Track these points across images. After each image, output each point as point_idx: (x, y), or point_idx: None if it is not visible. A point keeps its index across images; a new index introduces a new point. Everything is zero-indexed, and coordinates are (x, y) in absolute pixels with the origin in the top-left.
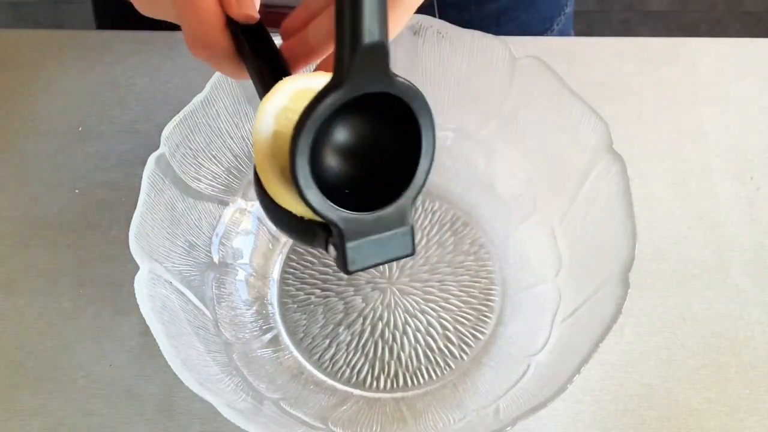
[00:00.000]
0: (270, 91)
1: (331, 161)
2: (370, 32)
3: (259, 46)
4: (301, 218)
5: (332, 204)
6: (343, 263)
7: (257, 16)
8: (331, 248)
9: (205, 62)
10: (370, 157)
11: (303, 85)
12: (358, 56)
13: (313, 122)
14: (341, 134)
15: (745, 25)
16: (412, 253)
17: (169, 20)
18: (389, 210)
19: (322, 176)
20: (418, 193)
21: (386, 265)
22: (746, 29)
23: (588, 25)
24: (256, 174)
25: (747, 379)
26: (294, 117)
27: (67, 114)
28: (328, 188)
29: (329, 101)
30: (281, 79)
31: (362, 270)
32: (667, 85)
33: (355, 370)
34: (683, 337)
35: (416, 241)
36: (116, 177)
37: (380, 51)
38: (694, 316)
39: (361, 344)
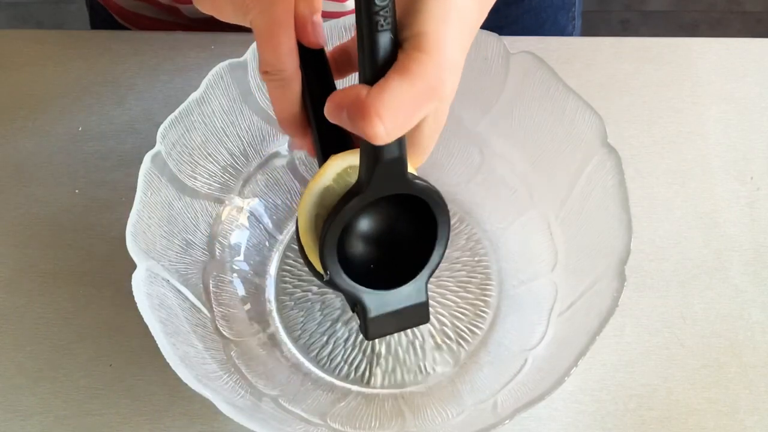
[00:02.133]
0: (319, 171)
1: (359, 243)
2: (389, 150)
3: (318, 75)
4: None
5: (358, 287)
6: (364, 331)
7: (325, 44)
8: (355, 315)
9: (269, 90)
10: (391, 239)
11: (348, 164)
12: (378, 169)
13: (338, 224)
14: (367, 224)
15: (745, 25)
16: (427, 322)
17: (236, 23)
18: (407, 287)
19: (350, 256)
20: (433, 271)
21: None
22: (746, 29)
23: (588, 25)
24: (299, 239)
25: (747, 379)
26: (335, 198)
27: (67, 114)
28: (355, 262)
29: (352, 205)
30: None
31: (380, 337)
32: (667, 85)
33: (353, 367)
34: (683, 337)
35: None
36: (116, 177)
37: (398, 164)
38: (694, 316)
39: (358, 340)
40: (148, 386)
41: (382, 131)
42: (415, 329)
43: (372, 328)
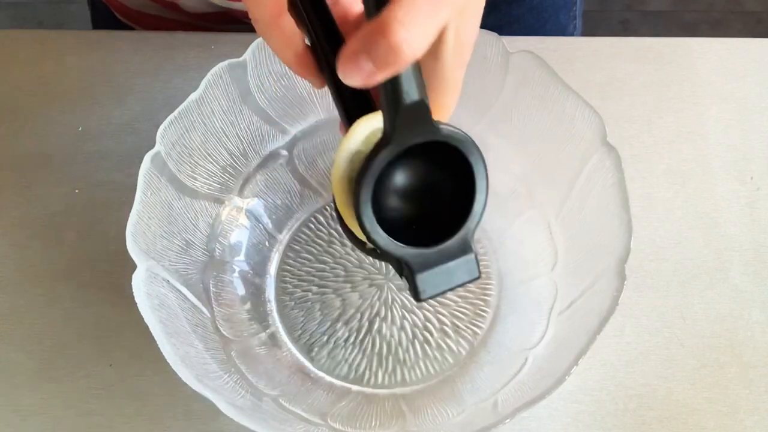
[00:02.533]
0: (346, 135)
1: (396, 202)
2: (408, 93)
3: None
4: (379, 249)
5: (398, 243)
6: (414, 293)
7: None
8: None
9: (273, 51)
10: (430, 194)
11: (375, 126)
12: (400, 115)
13: (369, 178)
14: (402, 178)
15: (745, 25)
16: (479, 277)
17: None
18: (451, 242)
19: (389, 216)
20: (478, 223)
21: (383, 261)
22: (746, 29)
23: (588, 25)
24: (337, 210)
25: (747, 379)
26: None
27: (67, 114)
28: (395, 226)
29: (381, 157)
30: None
31: (432, 297)
32: (667, 85)
33: (353, 366)
34: (683, 337)
35: None
36: (116, 177)
37: (420, 108)
38: (694, 316)
39: (358, 340)
40: (148, 386)
41: (407, 36)
42: (414, 328)
43: (422, 286)
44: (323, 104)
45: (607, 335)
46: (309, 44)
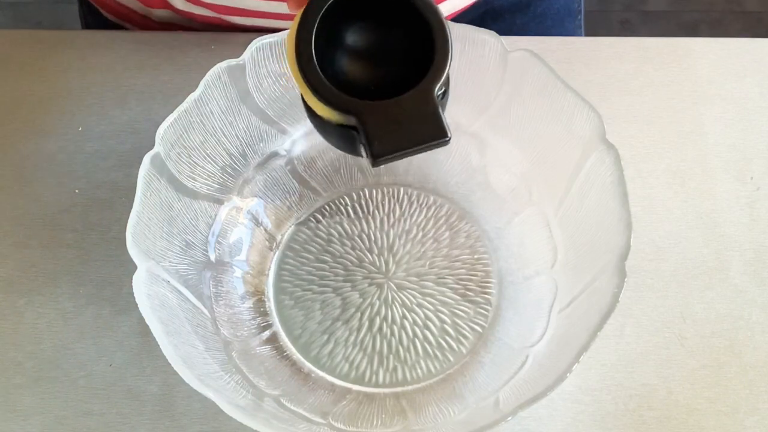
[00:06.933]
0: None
1: (352, 64)
2: None
3: None
4: (339, 125)
5: (346, 95)
6: (370, 153)
7: None
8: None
9: None
10: (393, 59)
11: None
12: None
13: (312, 17)
14: (357, 36)
15: (745, 25)
16: (448, 138)
17: None
18: (410, 95)
19: (345, 79)
20: (442, 78)
21: (382, 260)
22: (746, 29)
23: (588, 25)
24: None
25: (747, 379)
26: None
27: (67, 114)
28: (353, 90)
29: None
30: None
31: (392, 159)
32: (667, 85)
33: (354, 365)
34: (683, 337)
35: (412, 236)
36: (116, 177)
37: None
38: (694, 316)
39: (359, 339)
40: (148, 386)
41: None
42: (414, 327)
43: (378, 144)
44: None
45: (607, 335)
46: None
